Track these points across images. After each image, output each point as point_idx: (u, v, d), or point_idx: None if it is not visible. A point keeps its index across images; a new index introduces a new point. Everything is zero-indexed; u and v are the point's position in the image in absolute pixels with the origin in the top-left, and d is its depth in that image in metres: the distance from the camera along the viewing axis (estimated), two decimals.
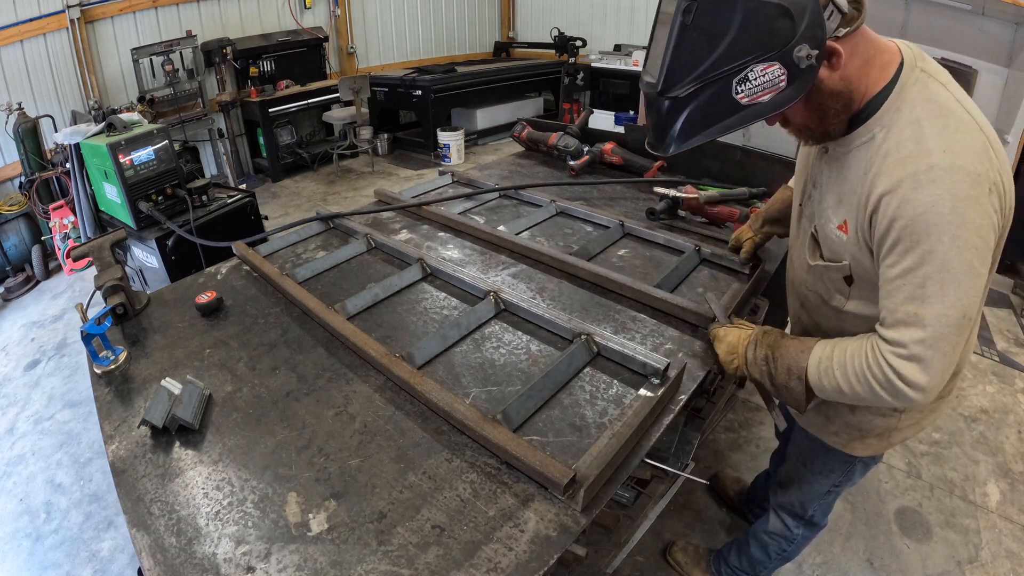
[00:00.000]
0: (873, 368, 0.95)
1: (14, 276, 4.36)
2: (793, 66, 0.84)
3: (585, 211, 2.16)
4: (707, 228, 2.03)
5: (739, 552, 1.86)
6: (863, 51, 0.93)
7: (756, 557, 1.78)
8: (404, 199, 2.31)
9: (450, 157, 6.40)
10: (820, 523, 1.58)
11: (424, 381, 1.24)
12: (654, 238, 1.96)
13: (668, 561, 2.06)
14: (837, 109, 0.97)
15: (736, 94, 0.87)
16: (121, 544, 2.22)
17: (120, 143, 2.83)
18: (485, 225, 2.04)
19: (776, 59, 0.84)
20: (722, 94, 0.87)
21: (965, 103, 0.92)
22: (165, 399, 1.22)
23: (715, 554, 1.99)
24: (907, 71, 0.93)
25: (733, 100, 0.87)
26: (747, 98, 0.87)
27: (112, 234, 1.80)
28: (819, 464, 1.41)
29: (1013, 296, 3.81)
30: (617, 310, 1.58)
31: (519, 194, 2.39)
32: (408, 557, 0.94)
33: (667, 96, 0.89)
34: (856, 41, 0.91)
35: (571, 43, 6.85)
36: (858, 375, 0.98)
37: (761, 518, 1.78)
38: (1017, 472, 2.45)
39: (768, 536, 1.70)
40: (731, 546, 1.92)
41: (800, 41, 0.82)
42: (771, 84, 0.86)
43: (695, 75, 0.86)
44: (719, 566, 1.95)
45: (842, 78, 0.93)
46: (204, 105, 5.71)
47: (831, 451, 1.34)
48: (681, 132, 0.92)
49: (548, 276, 1.77)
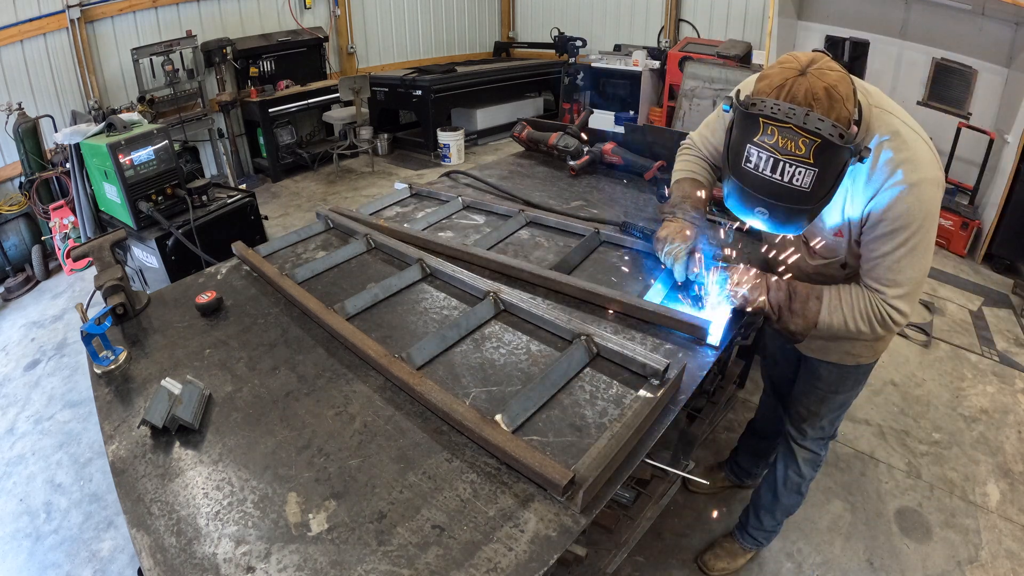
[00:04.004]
0: (871, 310, 1.34)
1: (14, 276, 4.36)
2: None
3: (556, 220, 2.07)
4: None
5: (770, 512, 1.93)
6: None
7: (791, 503, 1.90)
8: (361, 216, 2.15)
9: (450, 157, 6.40)
10: (837, 435, 1.89)
11: (423, 382, 1.24)
12: (633, 245, 1.90)
13: (710, 574, 2.03)
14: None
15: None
16: (121, 544, 2.22)
17: (120, 143, 2.83)
18: (454, 240, 1.91)
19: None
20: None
21: (910, 123, 1.25)
22: (165, 399, 1.22)
23: (741, 531, 2.03)
24: (866, 111, 1.23)
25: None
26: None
27: (112, 234, 1.80)
28: (850, 382, 1.67)
29: (1013, 296, 3.81)
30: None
31: (486, 204, 2.27)
32: (408, 557, 0.94)
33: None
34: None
35: (571, 43, 6.84)
36: (862, 313, 1.34)
37: (771, 474, 1.89)
38: (1017, 472, 2.45)
39: (798, 475, 1.82)
40: (757, 513, 1.96)
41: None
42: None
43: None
44: (756, 537, 1.99)
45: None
46: (204, 105, 5.70)
47: (859, 368, 1.64)
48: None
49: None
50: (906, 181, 1.19)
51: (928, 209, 1.22)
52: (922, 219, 1.22)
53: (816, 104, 1.08)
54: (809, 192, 1.12)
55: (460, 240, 1.96)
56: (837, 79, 1.10)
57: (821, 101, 1.08)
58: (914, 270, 1.29)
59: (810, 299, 1.39)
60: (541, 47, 7.60)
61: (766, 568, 2.06)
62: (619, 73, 6.53)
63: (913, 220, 1.21)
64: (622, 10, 7.18)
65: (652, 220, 2.20)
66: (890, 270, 1.29)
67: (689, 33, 6.44)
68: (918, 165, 1.20)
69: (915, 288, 1.32)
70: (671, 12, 6.58)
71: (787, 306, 1.41)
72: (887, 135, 1.22)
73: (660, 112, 6.17)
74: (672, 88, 5.86)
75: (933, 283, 3.89)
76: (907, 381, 3.00)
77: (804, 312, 1.39)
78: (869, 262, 1.33)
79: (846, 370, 1.64)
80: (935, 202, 1.23)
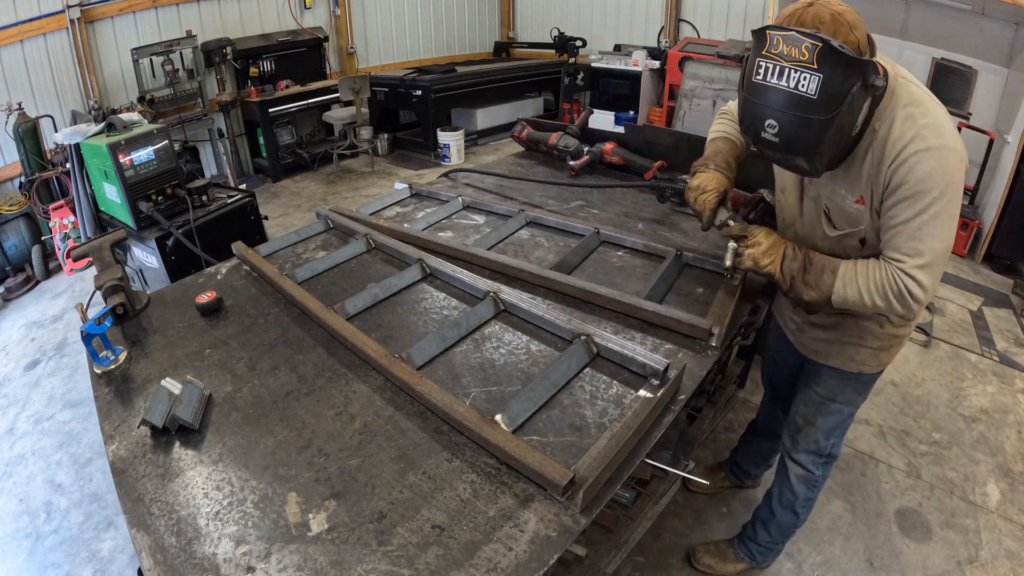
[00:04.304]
0: (888, 283, 1.28)
1: (14, 276, 4.36)
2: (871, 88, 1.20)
3: (556, 220, 2.07)
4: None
5: (765, 526, 1.91)
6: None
7: (785, 521, 1.86)
8: (361, 216, 2.16)
9: (450, 157, 6.40)
10: (837, 454, 1.78)
11: (423, 382, 1.24)
12: (634, 244, 1.90)
13: (696, 568, 2.04)
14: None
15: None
16: (121, 544, 2.22)
17: (120, 143, 2.83)
18: (454, 240, 1.92)
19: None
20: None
21: (933, 97, 1.25)
22: (165, 399, 1.22)
23: (738, 540, 2.02)
24: (892, 79, 1.23)
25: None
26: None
27: (112, 234, 1.80)
28: (849, 391, 1.63)
29: (1013, 296, 3.81)
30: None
31: (486, 204, 2.27)
32: (408, 557, 0.94)
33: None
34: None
35: (571, 43, 6.84)
36: (878, 286, 1.29)
37: (771, 489, 1.87)
38: (1017, 472, 2.45)
39: (791, 492, 1.79)
40: (753, 524, 1.96)
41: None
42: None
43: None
44: (750, 549, 1.98)
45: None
46: (204, 105, 5.70)
47: (860, 376, 1.60)
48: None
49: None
50: (929, 144, 1.18)
51: (951, 178, 1.19)
52: (944, 185, 1.19)
53: (822, 27, 1.13)
54: (816, 100, 1.13)
55: (460, 240, 1.96)
56: (845, 9, 1.15)
57: (827, 24, 1.13)
58: (936, 240, 1.23)
59: (825, 271, 1.36)
60: (541, 47, 7.60)
61: (766, 568, 2.06)
62: (619, 73, 6.54)
63: (936, 185, 1.18)
64: (622, 10, 7.18)
65: (652, 221, 2.21)
66: (911, 238, 1.24)
67: (689, 33, 6.44)
68: (942, 132, 1.19)
69: (936, 260, 1.26)
70: (671, 12, 6.58)
71: (800, 277, 1.39)
72: (911, 102, 1.22)
73: (660, 112, 6.17)
74: (672, 88, 5.86)
75: None
76: (907, 381, 3.00)
77: (818, 284, 1.37)
78: (889, 232, 1.29)
79: (847, 377, 1.60)
80: (958, 173, 1.20)
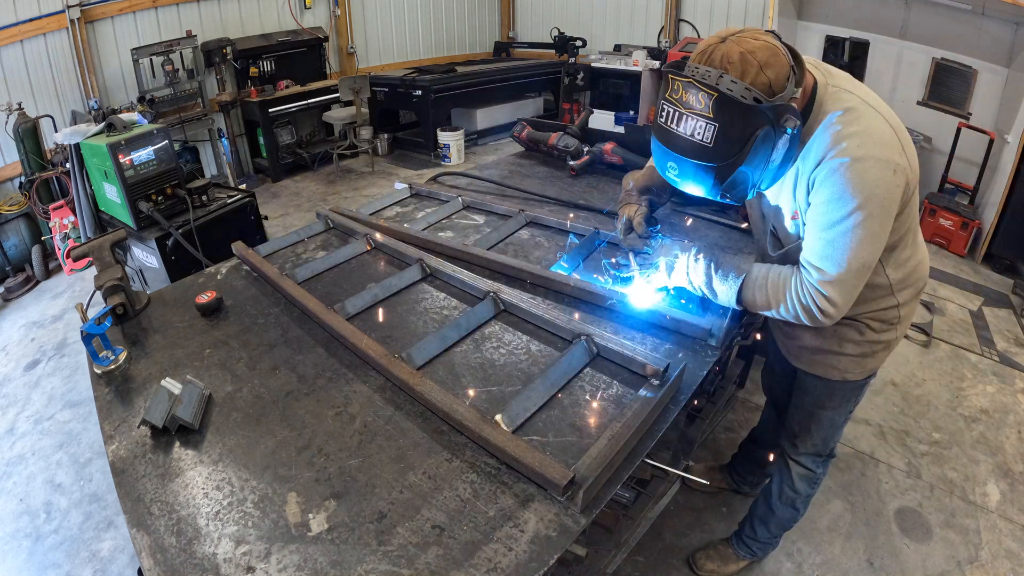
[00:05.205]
0: (796, 293, 1.27)
1: (14, 276, 4.36)
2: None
3: (556, 220, 2.07)
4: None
5: (764, 523, 1.91)
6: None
7: (785, 517, 1.86)
8: (361, 216, 2.15)
9: (450, 157, 6.40)
10: (835, 454, 1.80)
11: (423, 382, 1.24)
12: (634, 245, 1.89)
13: (699, 574, 2.03)
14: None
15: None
16: (121, 544, 2.22)
17: (120, 143, 2.82)
18: (454, 240, 1.92)
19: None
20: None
21: (871, 101, 1.19)
22: (165, 399, 1.22)
23: (737, 539, 2.02)
24: (821, 90, 1.21)
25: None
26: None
27: (112, 234, 1.80)
28: (836, 399, 1.62)
29: (1013, 296, 3.81)
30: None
31: (486, 204, 2.27)
32: (408, 557, 0.94)
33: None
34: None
35: (571, 43, 6.84)
36: (787, 297, 1.29)
37: (770, 483, 1.86)
38: (1017, 472, 2.45)
39: (792, 490, 1.79)
40: (752, 522, 1.95)
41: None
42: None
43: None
44: (750, 547, 1.98)
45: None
46: (204, 105, 5.70)
47: (845, 384, 1.58)
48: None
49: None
50: (848, 154, 1.13)
51: (873, 189, 1.13)
52: (864, 199, 1.13)
53: (730, 67, 1.09)
54: (712, 148, 1.12)
55: (460, 240, 1.96)
56: (757, 47, 1.10)
57: (735, 65, 1.09)
58: (850, 253, 1.18)
59: (729, 276, 1.38)
60: (541, 47, 7.59)
61: (766, 568, 2.06)
62: (619, 73, 6.53)
63: (853, 198, 1.13)
64: (622, 10, 7.18)
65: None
66: (824, 251, 1.20)
67: (689, 33, 6.44)
68: (866, 141, 1.14)
69: (848, 277, 1.20)
70: (671, 12, 6.58)
71: (707, 284, 1.42)
72: (840, 111, 1.18)
73: None
74: None
75: (933, 283, 3.89)
76: (907, 381, 3.00)
77: (726, 288, 1.39)
78: (807, 240, 1.26)
79: (832, 385, 1.59)
80: (884, 184, 1.14)
